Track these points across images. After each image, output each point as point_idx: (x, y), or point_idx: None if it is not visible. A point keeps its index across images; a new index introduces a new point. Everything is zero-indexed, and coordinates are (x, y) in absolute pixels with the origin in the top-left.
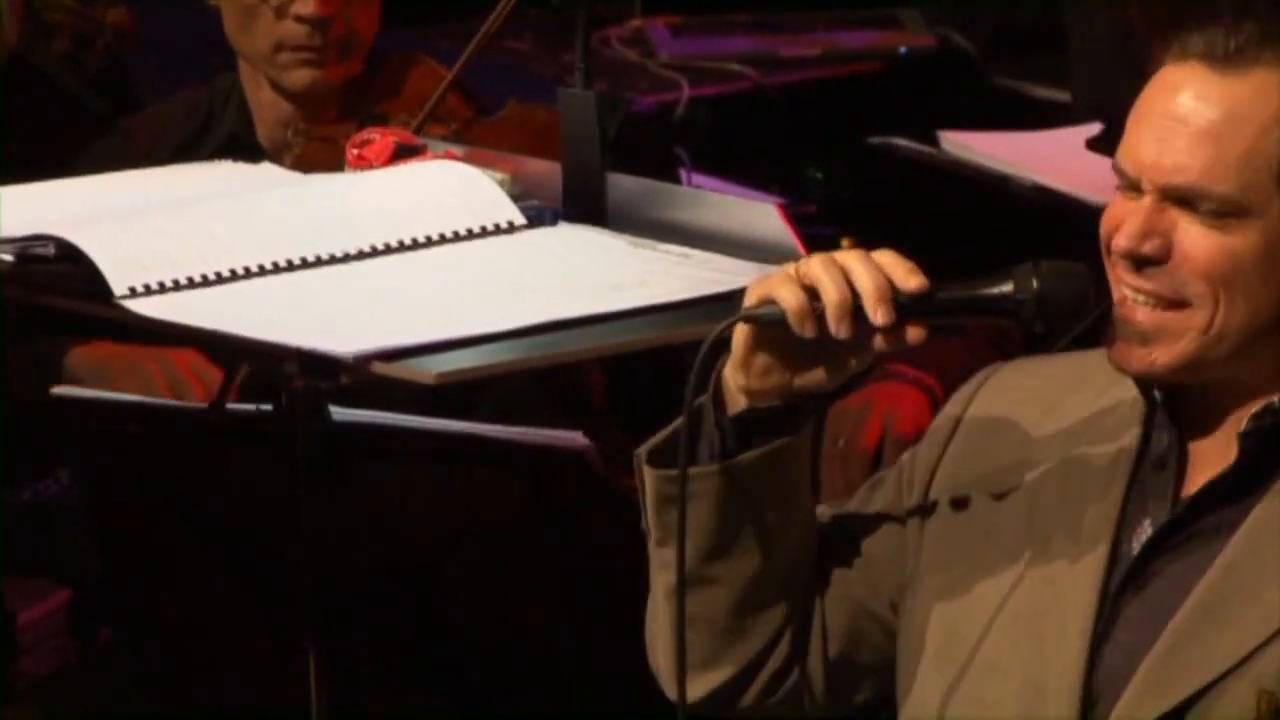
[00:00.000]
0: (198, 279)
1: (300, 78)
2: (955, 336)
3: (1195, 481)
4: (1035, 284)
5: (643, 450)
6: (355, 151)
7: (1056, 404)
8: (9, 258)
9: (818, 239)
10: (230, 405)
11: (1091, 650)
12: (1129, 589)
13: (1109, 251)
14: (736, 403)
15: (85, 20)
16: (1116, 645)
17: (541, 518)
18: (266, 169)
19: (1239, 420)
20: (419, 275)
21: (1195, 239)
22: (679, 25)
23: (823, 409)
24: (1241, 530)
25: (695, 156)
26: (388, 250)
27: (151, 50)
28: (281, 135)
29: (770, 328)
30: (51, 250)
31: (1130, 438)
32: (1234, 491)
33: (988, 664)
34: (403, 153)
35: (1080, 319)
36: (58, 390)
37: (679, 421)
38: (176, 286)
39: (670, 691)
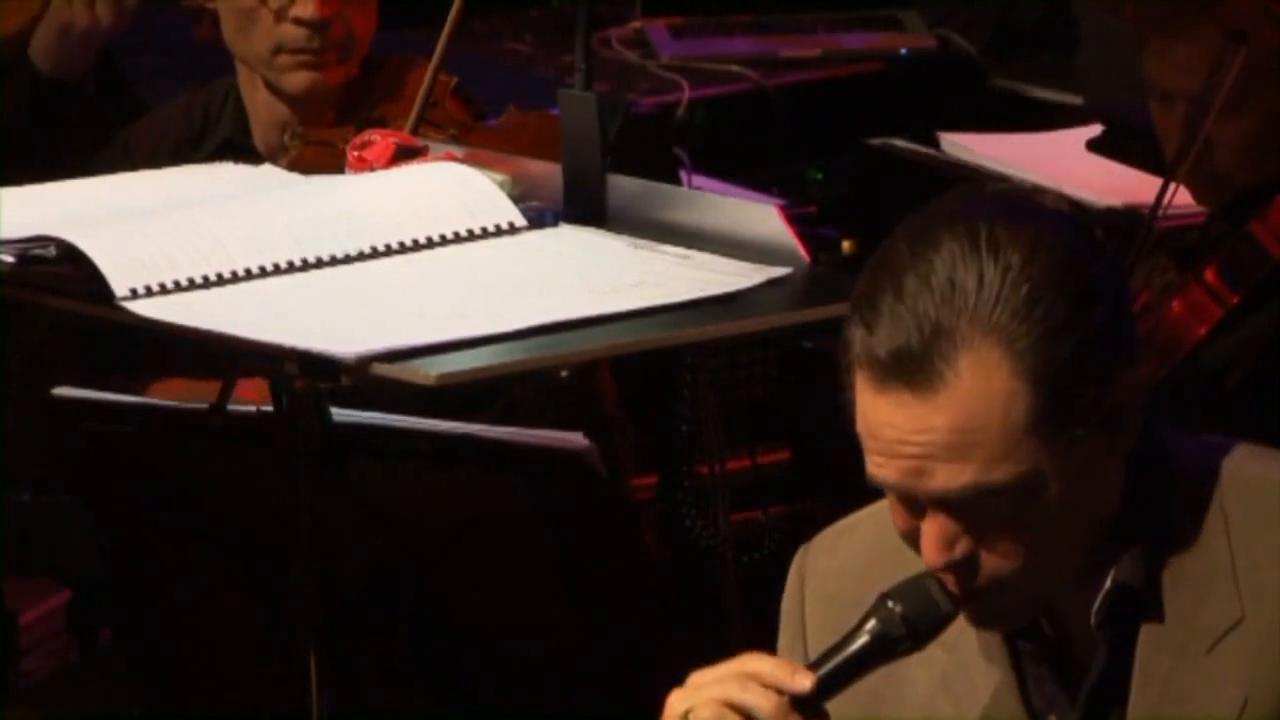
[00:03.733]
0: (199, 280)
1: (299, 80)
2: None
3: (1071, 660)
4: (899, 611)
5: None
6: (356, 153)
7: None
8: (10, 259)
9: (818, 240)
10: (230, 406)
11: None
12: None
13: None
14: None
15: None
16: None
17: (541, 518)
18: (267, 170)
19: (1085, 595)
20: (419, 277)
21: (996, 529)
22: (679, 27)
23: None
24: (1131, 701)
25: (695, 158)
26: (388, 251)
27: (151, 51)
28: (278, 139)
29: None
30: (52, 251)
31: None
32: (1116, 676)
33: None
34: (403, 154)
35: (952, 616)
36: (58, 390)
37: None
38: (177, 288)
39: None
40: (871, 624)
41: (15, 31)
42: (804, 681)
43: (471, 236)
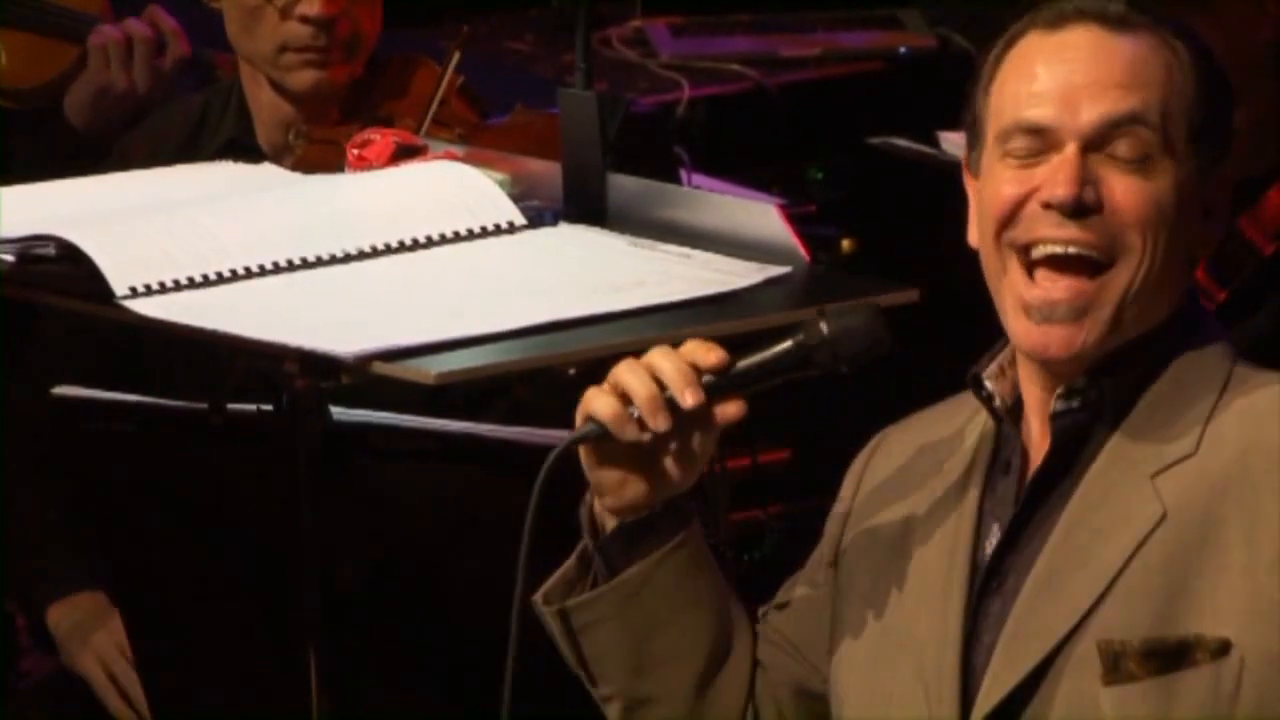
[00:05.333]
0: (198, 279)
1: (304, 79)
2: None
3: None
4: (824, 328)
5: (539, 596)
6: (356, 152)
7: (948, 460)
8: (10, 258)
9: (818, 239)
10: (230, 405)
11: (964, 657)
12: (987, 592)
13: (1009, 223)
14: (606, 524)
15: None
16: (981, 646)
17: (543, 518)
18: (267, 169)
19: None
20: (419, 275)
21: (1125, 186)
22: (679, 25)
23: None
24: (1069, 503)
25: (695, 157)
26: (388, 250)
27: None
28: (282, 138)
29: (602, 443)
30: (52, 250)
31: (984, 453)
32: (1060, 472)
33: (885, 694)
34: (403, 153)
35: (883, 352)
36: (58, 390)
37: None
38: (177, 286)
39: None
40: (797, 334)
41: (47, 81)
42: (711, 356)
43: (471, 235)
